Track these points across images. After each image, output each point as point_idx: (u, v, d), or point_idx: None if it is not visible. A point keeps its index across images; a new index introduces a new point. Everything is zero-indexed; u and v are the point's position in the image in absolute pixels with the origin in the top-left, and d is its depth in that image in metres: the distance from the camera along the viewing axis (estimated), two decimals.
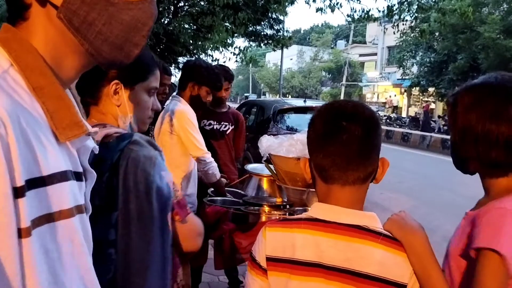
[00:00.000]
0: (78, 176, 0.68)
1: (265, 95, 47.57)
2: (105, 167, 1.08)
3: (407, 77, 26.14)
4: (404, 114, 29.74)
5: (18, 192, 0.55)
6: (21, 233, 0.55)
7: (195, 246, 1.26)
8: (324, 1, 10.18)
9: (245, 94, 49.29)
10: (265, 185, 2.50)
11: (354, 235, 1.01)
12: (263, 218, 2.17)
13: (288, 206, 2.20)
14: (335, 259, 1.00)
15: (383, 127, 21.60)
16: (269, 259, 1.06)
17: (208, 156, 2.65)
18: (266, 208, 2.22)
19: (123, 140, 1.12)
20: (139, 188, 1.09)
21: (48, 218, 0.60)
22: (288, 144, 2.12)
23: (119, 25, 0.67)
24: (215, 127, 3.57)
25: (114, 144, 1.11)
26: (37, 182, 0.59)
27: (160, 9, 8.86)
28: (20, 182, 0.55)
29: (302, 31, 69.24)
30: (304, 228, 1.04)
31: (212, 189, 2.62)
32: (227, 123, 3.63)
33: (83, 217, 0.69)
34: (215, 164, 2.69)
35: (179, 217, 1.18)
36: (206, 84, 2.84)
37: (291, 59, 46.35)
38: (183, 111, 2.64)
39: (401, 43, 23.73)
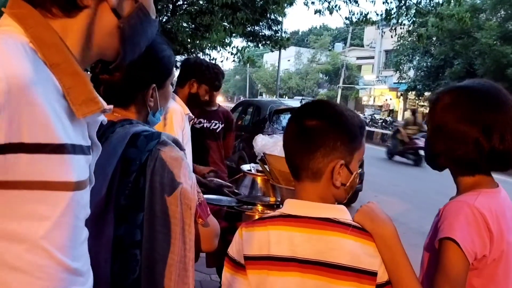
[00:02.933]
0: (88, 150, 0.71)
1: (261, 95, 47.57)
2: (133, 167, 1.09)
3: (403, 81, 26.19)
4: (399, 118, 29.79)
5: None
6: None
7: (213, 247, 1.27)
8: (323, 3, 10.24)
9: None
10: (258, 184, 2.50)
11: (324, 228, 1.05)
12: (256, 217, 2.17)
13: (281, 206, 2.20)
14: (308, 252, 1.05)
15: (379, 130, 21.64)
16: (247, 258, 1.09)
17: None
18: (260, 207, 2.22)
19: (152, 139, 1.13)
20: (165, 189, 1.09)
21: (49, 185, 0.61)
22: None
23: (145, 38, 0.81)
24: (205, 126, 3.53)
25: (143, 144, 1.12)
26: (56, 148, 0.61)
27: (159, 7, 8.85)
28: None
29: (300, 33, 69.26)
30: (277, 225, 1.09)
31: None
32: (217, 122, 3.59)
33: (87, 190, 0.71)
34: None
35: (202, 220, 1.17)
36: (206, 82, 2.86)
37: (289, 60, 46.34)
38: (175, 109, 2.58)
39: (398, 47, 23.78)
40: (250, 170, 2.59)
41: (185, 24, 9.55)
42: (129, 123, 1.19)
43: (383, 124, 25.30)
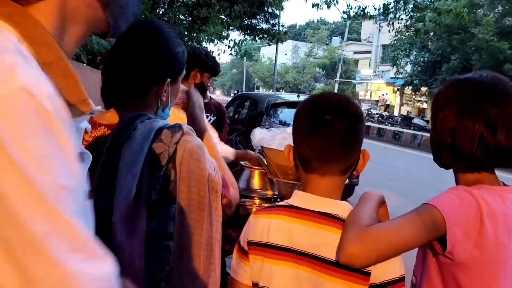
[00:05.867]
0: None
1: (258, 89, 47.50)
2: (162, 161, 1.09)
3: (400, 76, 26.27)
4: (396, 113, 29.87)
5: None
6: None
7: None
8: None
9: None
10: (256, 177, 2.49)
11: (322, 222, 1.04)
12: (254, 211, 2.17)
13: (279, 199, 2.20)
14: (303, 244, 1.05)
15: (375, 125, 21.70)
16: (249, 243, 1.13)
17: None
18: (257, 201, 2.21)
19: (175, 132, 1.12)
20: (193, 177, 1.10)
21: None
22: (281, 137, 2.12)
23: None
24: None
25: (168, 137, 1.11)
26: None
27: None
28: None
29: (297, 27, 69.14)
30: (280, 214, 1.10)
31: None
32: (208, 114, 3.50)
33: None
34: None
35: (226, 199, 1.20)
36: (207, 70, 2.91)
37: (286, 54, 46.31)
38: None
39: (395, 41, 23.80)
40: (248, 164, 2.58)
41: (182, 17, 9.51)
42: (147, 118, 1.17)
43: (380, 119, 25.36)
